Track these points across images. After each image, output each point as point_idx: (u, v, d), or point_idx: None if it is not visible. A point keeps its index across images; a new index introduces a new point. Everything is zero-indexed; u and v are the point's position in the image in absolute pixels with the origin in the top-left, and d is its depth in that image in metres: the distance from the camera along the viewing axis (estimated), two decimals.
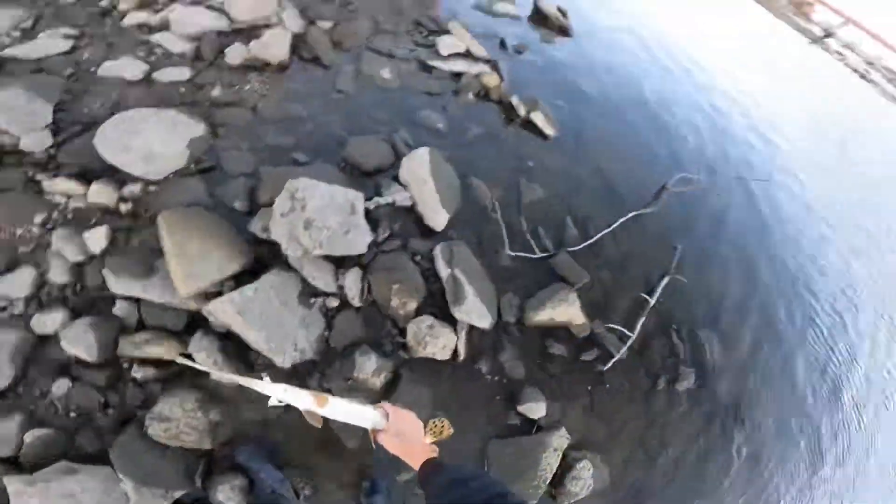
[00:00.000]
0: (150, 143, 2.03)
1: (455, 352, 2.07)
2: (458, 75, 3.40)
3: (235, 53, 2.75)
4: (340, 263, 2.06)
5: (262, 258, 1.98)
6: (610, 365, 2.42)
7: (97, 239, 1.86)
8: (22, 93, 2.09)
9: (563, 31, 5.31)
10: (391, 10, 3.74)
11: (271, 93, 2.63)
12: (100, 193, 1.93)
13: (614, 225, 2.87)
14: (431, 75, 3.28)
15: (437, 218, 2.37)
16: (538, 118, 3.36)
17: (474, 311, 2.11)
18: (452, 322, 2.09)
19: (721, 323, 3.01)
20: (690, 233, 3.34)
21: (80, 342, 1.78)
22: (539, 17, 5.30)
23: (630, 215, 2.96)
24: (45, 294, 1.84)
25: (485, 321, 2.14)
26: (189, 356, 1.02)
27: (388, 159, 2.55)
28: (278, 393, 1.07)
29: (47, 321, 1.81)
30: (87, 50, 2.53)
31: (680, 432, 2.55)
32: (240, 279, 1.89)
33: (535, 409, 2.15)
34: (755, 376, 2.99)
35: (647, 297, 2.65)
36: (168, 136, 2.08)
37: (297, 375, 1.90)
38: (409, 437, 1.12)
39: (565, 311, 2.31)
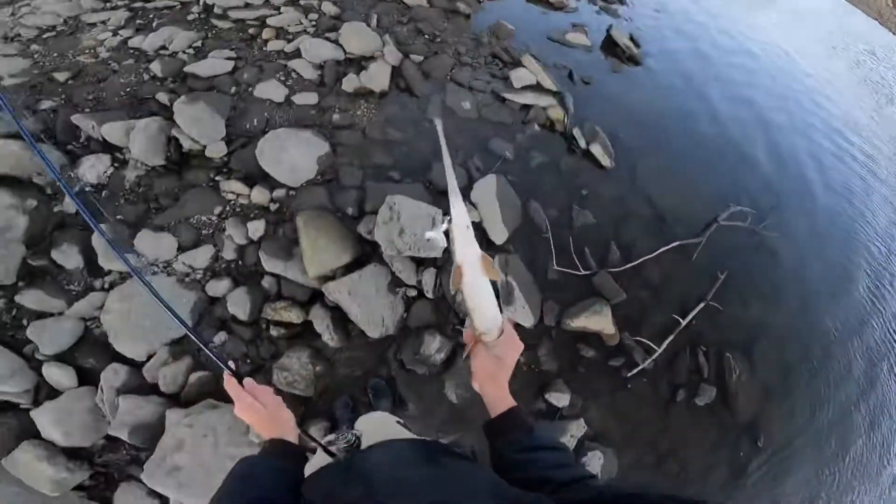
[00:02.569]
0: (293, 157, 2.72)
1: None
2: (527, 107, 3.91)
3: (349, 82, 3.41)
4: (421, 263, 2.66)
5: (365, 253, 2.62)
6: (634, 372, 2.84)
7: (256, 229, 2.54)
8: (205, 107, 2.81)
9: (633, 60, 5.70)
10: (472, 43, 4.33)
11: (375, 118, 3.27)
12: (259, 195, 2.64)
13: (656, 252, 3.28)
14: (504, 106, 3.81)
15: (499, 234, 2.92)
16: (596, 150, 3.87)
17: (521, 311, 2.67)
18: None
19: (753, 351, 3.28)
20: (737, 264, 3.59)
21: (239, 305, 2.40)
22: (610, 47, 5.71)
23: (673, 244, 3.37)
24: (217, 266, 2.51)
25: (528, 321, 2.70)
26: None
27: (463, 181, 3.12)
28: (462, 220, 0.90)
29: (218, 287, 2.43)
30: (245, 71, 3.25)
31: (691, 443, 2.89)
32: (348, 268, 2.54)
33: (561, 398, 2.64)
34: (780, 405, 3.23)
35: (680, 318, 3.05)
36: (304, 152, 2.78)
37: (381, 345, 2.56)
38: (506, 365, 1.00)
39: (598, 321, 2.80)
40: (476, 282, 0.92)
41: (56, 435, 2.14)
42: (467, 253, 0.90)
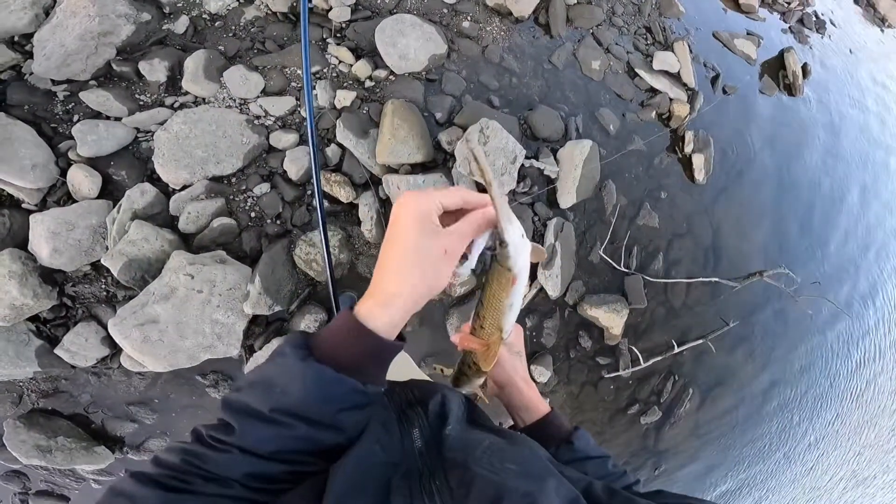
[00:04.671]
0: (409, 46, 2.58)
1: None
2: (654, 91, 3.48)
3: None
4: (482, 192, 2.55)
5: (435, 161, 2.54)
6: (611, 375, 2.86)
7: (344, 98, 2.46)
8: None
9: (789, 90, 4.81)
10: (631, 8, 3.78)
11: (501, 40, 3.01)
12: (360, 68, 2.54)
13: (694, 279, 3.10)
14: (631, 81, 3.41)
15: (567, 198, 2.73)
16: (698, 160, 3.42)
17: (552, 279, 2.56)
18: (533, 277, 2.59)
19: (709, 394, 3.29)
20: (751, 319, 3.43)
21: (295, 163, 2.30)
22: (774, 67, 4.82)
23: (711, 279, 3.16)
24: (290, 120, 2.44)
25: (554, 291, 2.59)
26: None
27: (557, 135, 2.89)
28: (519, 232, 0.67)
29: (282, 139, 2.34)
30: None
31: (612, 450, 3.01)
32: (414, 167, 2.45)
33: (543, 374, 2.62)
34: (694, 446, 3.35)
35: (676, 344, 2.96)
36: (421, 45, 2.62)
37: None
38: (524, 358, 0.92)
39: (612, 319, 2.68)
40: (522, 286, 0.75)
41: (44, 249, 1.93)
42: (521, 261, 0.73)
